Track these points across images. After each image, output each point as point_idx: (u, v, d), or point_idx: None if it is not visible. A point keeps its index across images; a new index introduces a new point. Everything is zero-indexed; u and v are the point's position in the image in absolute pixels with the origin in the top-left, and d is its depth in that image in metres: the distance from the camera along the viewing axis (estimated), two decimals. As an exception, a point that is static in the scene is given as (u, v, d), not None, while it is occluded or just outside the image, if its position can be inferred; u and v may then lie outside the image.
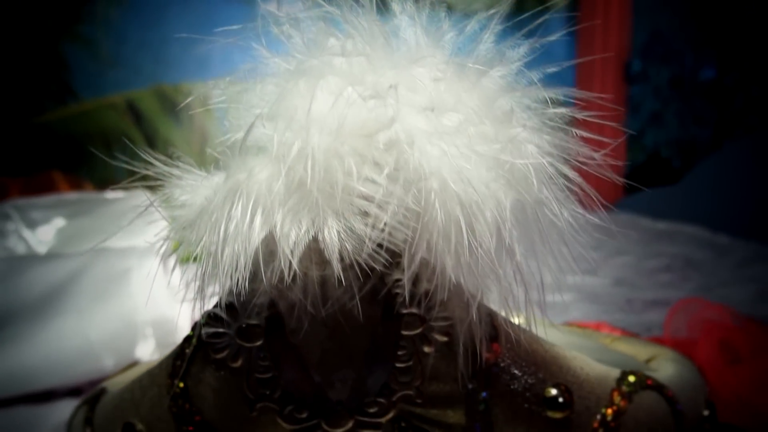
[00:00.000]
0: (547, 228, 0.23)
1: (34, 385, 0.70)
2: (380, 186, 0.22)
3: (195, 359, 0.27)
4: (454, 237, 0.22)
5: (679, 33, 2.28)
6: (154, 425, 0.29)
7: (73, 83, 2.29)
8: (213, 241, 0.22)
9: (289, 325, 0.25)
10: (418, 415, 0.28)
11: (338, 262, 0.22)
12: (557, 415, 0.28)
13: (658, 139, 2.39)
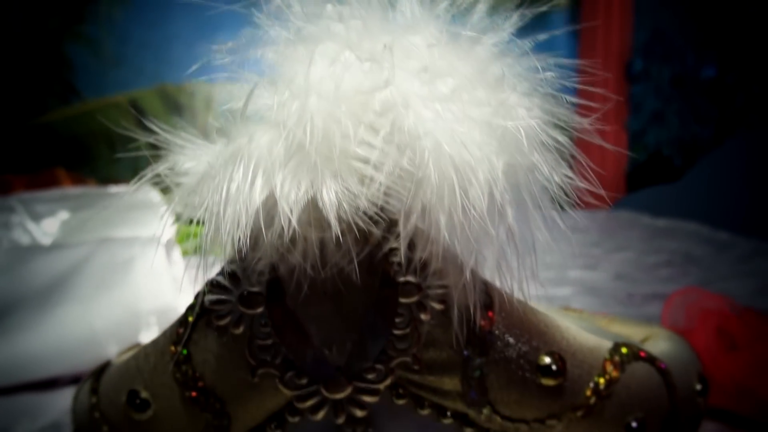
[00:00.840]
0: (538, 192, 0.24)
1: (39, 372, 0.70)
2: (376, 148, 0.22)
3: (198, 326, 0.28)
4: (447, 197, 0.22)
5: (680, 32, 2.29)
6: (158, 392, 0.29)
7: (77, 83, 2.30)
8: (215, 202, 0.23)
9: (289, 290, 0.25)
10: (415, 381, 0.28)
11: (336, 222, 0.23)
12: (550, 383, 0.29)
13: (660, 138, 2.39)
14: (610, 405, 0.30)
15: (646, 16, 2.37)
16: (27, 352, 0.70)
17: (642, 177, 2.34)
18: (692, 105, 2.31)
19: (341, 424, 0.29)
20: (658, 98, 2.37)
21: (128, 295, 0.69)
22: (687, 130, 2.34)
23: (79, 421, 0.35)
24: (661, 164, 2.37)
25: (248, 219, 0.22)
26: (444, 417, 0.29)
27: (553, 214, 0.24)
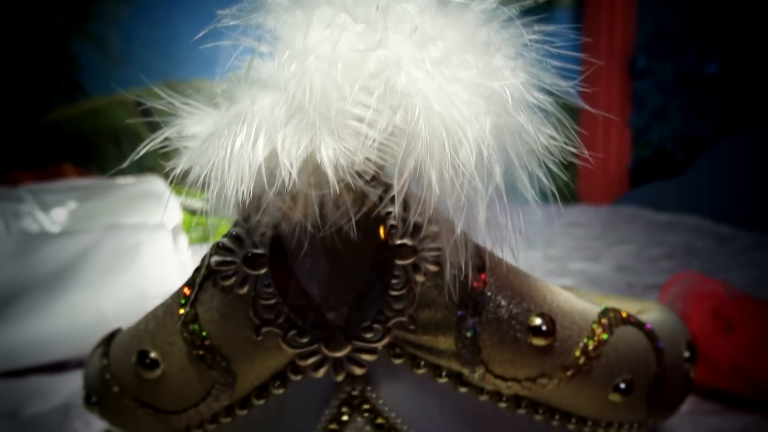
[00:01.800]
0: (524, 152, 0.25)
1: (48, 355, 0.72)
2: (370, 107, 0.24)
3: (204, 287, 0.29)
4: (437, 153, 0.24)
5: (683, 29, 2.30)
6: (167, 351, 0.31)
7: (83, 81, 2.31)
8: (220, 159, 0.24)
9: (291, 250, 0.27)
10: (411, 341, 0.30)
11: (334, 178, 0.24)
12: (541, 343, 0.30)
13: (663, 134, 2.40)
14: (598, 365, 0.31)
15: (649, 14, 2.37)
16: (36, 335, 0.71)
17: (645, 173, 2.35)
18: (695, 101, 2.32)
19: (341, 382, 0.30)
20: (661, 95, 2.38)
21: (135, 280, 0.70)
22: (690, 126, 2.35)
23: (90, 384, 0.36)
24: (665, 160, 2.37)
25: (251, 174, 0.24)
26: (439, 377, 0.31)
27: (539, 174, 0.26)
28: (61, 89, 2.33)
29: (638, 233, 1.53)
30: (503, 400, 0.32)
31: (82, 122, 2.34)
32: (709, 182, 1.85)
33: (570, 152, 0.26)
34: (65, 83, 2.33)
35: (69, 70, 2.32)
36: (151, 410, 0.32)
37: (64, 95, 2.33)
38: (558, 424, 0.33)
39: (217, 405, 0.31)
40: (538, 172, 0.26)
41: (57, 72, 2.30)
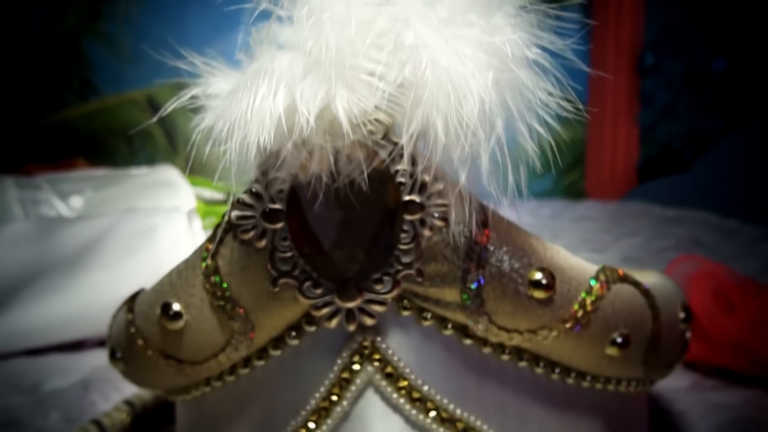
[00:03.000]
0: (525, 106, 0.27)
1: (67, 334, 0.74)
2: (381, 62, 0.26)
3: (225, 241, 0.31)
4: (443, 105, 0.26)
5: (691, 26, 2.31)
6: (190, 302, 0.33)
7: (95, 80, 2.34)
8: (242, 110, 0.26)
9: (306, 202, 0.29)
10: (419, 293, 0.32)
11: (348, 127, 0.26)
12: (541, 295, 0.32)
13: (671, 132, 2.41)
14: (595, 319, 0.33)
15: (657, 11, 2.38)
16: (56, 315, 0.74)
17: (653, 171, 2.36)
18: (703, 98, 2.33)
19: (352, 333, 0.32)
20: (669, 92, 2.38)
21: (152, 261, 0.72)
22: (698, 123, 2.36)
23: (115, 340, 0.38)
24: (673, 158, 2.38)
25: (272, 123, 0.26)
26: (445, 329, 0.33)
27: (538, 128, 0.28)
28: (73, 88, 2.35)
29: (645, 227, 1.54)
30: (506, 352, 0.34)
31: (94, 120, 2.36)
32: (717, 177, 1.86)
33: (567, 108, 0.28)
34: (77, 82, 2.35)
35: (81, 69, 2.34)
36: (174, 361, 0.34)
37: (76, 94, 2.35)
38: (558, 377, 0.35)
39: (236, 355, 0.33)
40: (536, 125, 0.27)
41: (69, 71, 2.32)
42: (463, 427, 0.33)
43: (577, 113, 0.27)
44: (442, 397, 0.33)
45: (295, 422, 0.33)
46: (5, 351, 0.72)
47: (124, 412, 0.53)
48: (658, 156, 2.42)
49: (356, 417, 0.33)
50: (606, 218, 1.65)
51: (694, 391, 0.62)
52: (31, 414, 0.58)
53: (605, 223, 1.59)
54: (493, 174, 0.27)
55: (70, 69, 2.32)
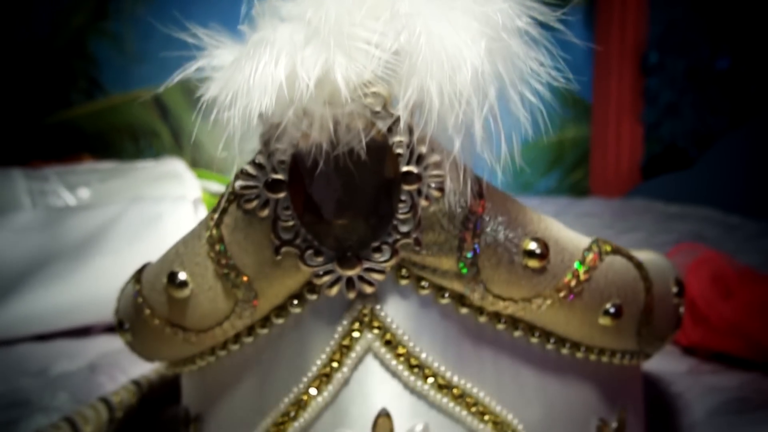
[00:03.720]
0: (516, 75, 0.28)
1: (74, 321, 0.76)
2: (378, 31, 0.27)
3: (229, 210, 0.32)
4: (437, 71, 0.27)
5: (695, 24, 2.31)
6: (195, 271, 0.34)
7: (101, 78, 2.35)
8: (245, 77, 0.27)
9: (307, 171, 0.30)
10: (417, 262, 0.33)
11: (347, 93, 0.27)
12: (535, 265, 0.33)
13: (675, 130, 2.41)
14: (588, 289, 0.34)
15: (661, 9, 2.39)
16: (63, 301, 0.75)
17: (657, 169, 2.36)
18: (707, 96, 2.33)
19: (353, 301, 0.33)
20: (673, 90, 2.39)
21: (158, 248, 0.72)
22: (702, 121, 2.36)
23: (122, 311, 0.39)
24: (677, 156, 2.39)
25: (274, 89, 0.27)
26: (442, 297, 0.34)
27: (529, 96, 0.29)
28: (80, 87, 2.37)
29: (648, 222, 1.55)
30: (501, 321, 0.35)
31: (100, 119, 2.38)
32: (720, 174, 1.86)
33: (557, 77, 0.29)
34: (83, 81, 2.37)
35: (87, 68, 2.35)
36: (180, 330, 0.35)
37: (82, 92, 2.37)
38: (553, 347, 0.36)
39: (240, 323, 0.34)
40: (528, 94, 0.28)
41: (75, 70, 2.34)
42: (460, 394, 0.34)
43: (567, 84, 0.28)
44: (439, 364, 0.34)
45: (297, 388, 0.34)
46: (13, 336, 0.74)
47: (131, 391, 0.54)
48: (663, 154, 2.43)
49: (356, 382, 0.34)
50: (609, 214, 1.66)
51: (692, 374, 0.63)
52: (39, 395, 0.59)
53: (608, 219, 1.60)
54: (487, 142, 0.28)
55: (76, 68, 2.33)
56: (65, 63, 2.32)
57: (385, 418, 0.33)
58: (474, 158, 0.30)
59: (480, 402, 0.34)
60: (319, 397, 0.34)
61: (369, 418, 0.33)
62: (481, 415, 0.34)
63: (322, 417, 0.34)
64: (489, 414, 0.34)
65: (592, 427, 0.38)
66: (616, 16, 2.41)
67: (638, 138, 2.47)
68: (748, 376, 0.61)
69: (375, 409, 0.33)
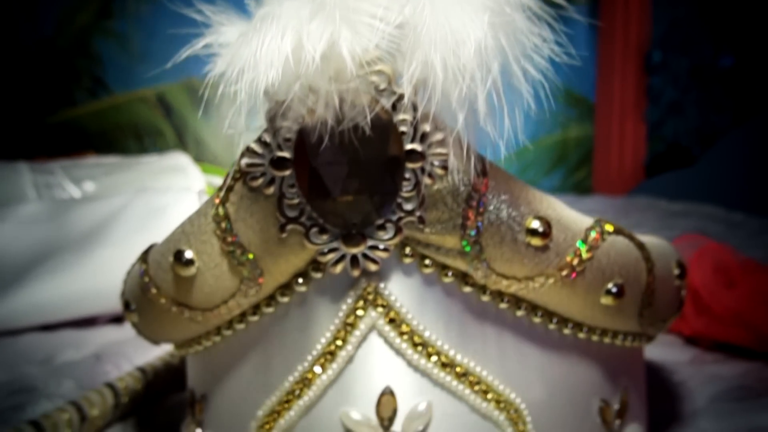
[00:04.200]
0: (519, 50, 0.29)
1: (80, 311, 0.76)
2: (381, 5, 0.27)
3: (235, 188, 0.33)
4: (441, 45, 0.27)
5: (698, 22, 2.31)
6: (201, 249, 0.34)
7: (105, 77, 2.36)
8: (251, 51, 0.28)
9: (312, 148, 0.30)
10: (420, 240, 0.33)
11: (353, 66, 0.27)
12: (537, 243, 0.33)
13: (678, 128, 2.41)
14: (591, 268, 0.35)
15: (664, 8, 2.39)
16: (69, 292, 0.75)
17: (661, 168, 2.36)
18: (710, 95, 2.33)
19: (357, 279, 0.33)
20: (676, 89, 2.39)
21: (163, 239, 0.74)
22: (705, 120, 2.36)
23: (129, 291, 0.40)
24: (680, 154, 2.39)
25: (280, 63, 0.27)
26: (446, 276, 0.34)
27: (532, 71, 0.29)
28: (84, 85, 2.37)
29: (652, 220, 1.55)
30: (504, 300, 0.35)
31: (104, 118, 2.38)
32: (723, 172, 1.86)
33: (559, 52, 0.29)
34: (88, 79, 2.38)
35: (91, 67, 2.36)
36: (186, 309, 0.36)
37: (86, 91, 2.37)
38: (555, 327, 0.36)
39: (245, 301, 0.35)
40: (531, 69, 0.29)
41: (80, 68, 2.34)
42: (463, 372, 0.34)
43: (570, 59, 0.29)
44: (442, 343, 0.34)
45: (302, 367, 0.35)
46: (19, 326, 0.74)
47: (137, 378, 0.55)
48: (666, 152, 2.43)
49: (360, 360, 0.34)
50: (613, 212, 1.66)
51: (695, 364, 0.63)
52: (44, 382, 0.59)
53: (612, 217, 1.59)
54: (490, 117, 0.28)
55: (80, 67, 2.34)
56: (69, 62, 2.33)
57: (389, 396, 0.34)
58: (477, 137, 0.30)
59: (483, 381, 0.35)
60: (323, 375, 0.34)
61: (373, 396, 0.34)
62: (484, 394, 0.35)
63: (326, 395, 0.35)
64: (492, 392, 0.35)
65: (595, 408, 0.38)
66: (620, 16, 2.41)
67: (641, 137, 2.47)
68: (751, 366, 0.61)
69: (379, 387, 0.34)
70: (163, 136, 2.38)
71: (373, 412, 0.34)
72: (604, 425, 0.39)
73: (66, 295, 0.75)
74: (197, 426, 0.40)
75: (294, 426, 0.35)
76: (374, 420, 0.34)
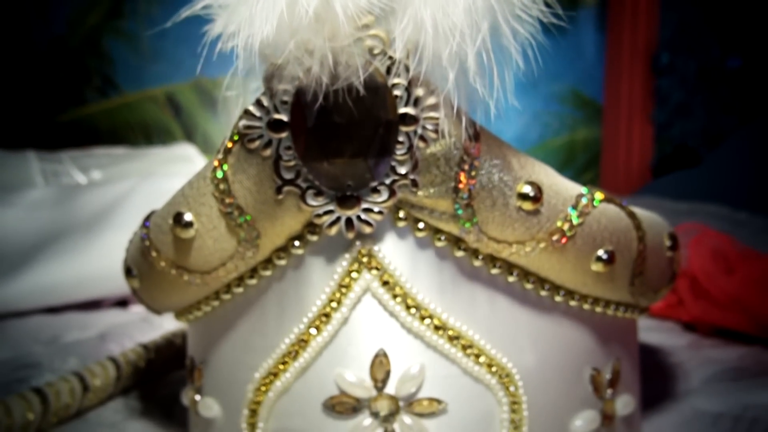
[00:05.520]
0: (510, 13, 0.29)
1: (85, 294, 0.77)
2: None
3: (233, 151, 0.33)
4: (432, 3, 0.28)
5: (705, 24, 2.31)
6: (200, 211, 0.35)
7: (115, 76, 2.37)
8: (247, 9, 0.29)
9: (308, 110, 0.31)
10: (414, 203, 0.34)
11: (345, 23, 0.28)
12: (528, 207, 0.34)
13: (685, 130, 2.41)
14: (582, 234, 0.35)
15: (672, 10, 2.39)
16: (75, 275, 0.76)
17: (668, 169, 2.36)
18: (718, 96, 2.33)
19: (352, 241, 0.34)
20: (684, 90, 2.39)
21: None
22: (713, 121, 2.36)
23: (130, 257, 0.41)
24: (687, 156, 2.38)
25: (274, 17, 0.28)
26: (439, 240, 0.35)
27: (522, 31, 0.30)
28: (94, 84, 2.39)
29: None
30: (496, 266, 0.35)
31: (114, 117, 2.40)
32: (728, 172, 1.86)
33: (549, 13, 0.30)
34: (98, 78, 2.39)
35: (102, 66, 2.37)
36: (185, 271, 0.37)
37: (96, 90, 2.39)
38: (547, 294, 0.37)
39: (242, 264, 0.36)
40: (520, 28, 0.29)
41: (90, 67, 2.36)
42: (455, 335, 0.35)
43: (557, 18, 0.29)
44: (435, 306, 0.35)
45: (298, 329, 0.35)
46: (25, 308, 0.75)
47: (139, 353, 0.55)
48: (673, 154, 2.43)
49: (355, 322, 0.35)
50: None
51: (692, 348, 0.63)
52: (50, 359, 0.60)
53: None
54: (480, 75, 0.29)
55: (91, 66, 2.36)
56: (80, 61, 2.34)
57: (382, 357, 0.35)
58: (468, 98, 0.31)
59: (475, 344, 0.35)
60: (318, 337, 0.35)
61: (367, 357, 0.35)
62: (476, 357, 0.35)
63: (321, 356, 0.35)
64: (484, 356, 0.35)
65: (586, 375, 0.39)
66: (627, 18, 2.41)
67: (649, 138, 2.47)
68: (749, 350, 0.62)
69: (373, 348, 0.35)
70: (172, 135, 2.39)
71: (367, 374, 0.35)
72: (595, 393, 0.39)
73: (72, 277, 0.76)
74: (196, 392, 0.41)
75: (290, 387, 0.36)
76: (368, 381, 0.35)
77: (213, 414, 0.40)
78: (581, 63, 2.41)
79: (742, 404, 0.48)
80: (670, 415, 0.48)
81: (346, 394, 0.35)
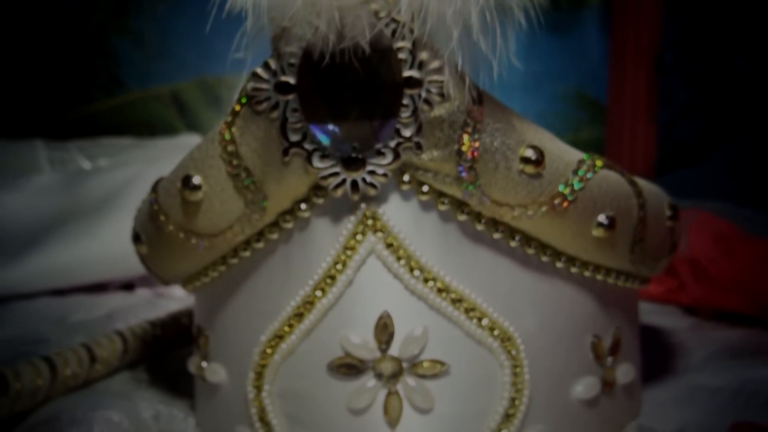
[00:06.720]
0: None
1: (91, 276, 0.78)
2: None
3: (240, 114, 0.34)
4: None
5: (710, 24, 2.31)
6: (208, 174, 0.36)
7: (121, 75, 2.38)
8: None
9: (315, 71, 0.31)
10: (418, 165, 0.34)
11: None
12: (531, 170, 0.34)
13: (690, 130, 2.41)
14: (582, 198, 0.36)
15: (676, 11, 2.39)
16: (81, 257, 0.77)
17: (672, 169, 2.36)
18: (722, 97, 2.33)
19: (357, 203, 0.35)
20: (688, 90, 2.39)
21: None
22: (717, 121, 2.36)
23: (139, 223, 0.41)
24: (691, 156, 2.38)
25: None
26: (442, 204, 0.35)
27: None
28: (100, 83, 2.39)
29: (659, 215, 1.55)
30: (499, 230, 0.36)
31: (119, 115, 2.40)
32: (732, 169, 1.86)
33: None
34: (104, 77, 2.40)
35: (108, 65, 2.38)
36: (193, 235, 0.37)
37: (102, 88, 2.39)
38: (548, 260, 0.38)
39: (249, 227, 0.36)
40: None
41: (96, 66, 2.37)
42: (458, 298, 0.36)
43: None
44: (439, 269, 0.35)
45: (303, 291, 0.36)
46: (32, 290, 0.76)
47: (145, 329, 0.56)
48: (677, 154, 2.42)
49: (359, 284, 0.35)
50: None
51: (693, 330, 0.64)
52: (57, 336, 0.61)
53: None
54: (483, 33, 0.30)
55: (97, 64, 2.36)
56: (86, 59, 2.35)
57: (386, 319, 0.35)
58: (472, 59, 0.31)
59: (477, 307, 0.36)
60: (324, 299, 0.36)
61: (371, 319, 0.35)
62: (478, 320, 0.36)
63: (326, 318, 0.36)
64: (486, 319, 0.36)
65: (587, 342, 0.40)
66: (632, 18, 2.41)
67: (653, 138, 2.47)
68: (750, 331, 0.62)
69: (377, 310, 0.35)
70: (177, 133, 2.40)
71: (371, 335, 0.35)
72: (596, 360, 0.40)
73: (78, 260, 0.77)
74: (203, 359, 0.42)
75: (295, 349, 0.37)
76: (372, 343, 0.35)
77: (219, 379, 0.40)
78: (585, 63, 2.41)
79: (741, 379, 0.49)
80: (670, 389, 0.48)
81: (350, 356, 0.35)
